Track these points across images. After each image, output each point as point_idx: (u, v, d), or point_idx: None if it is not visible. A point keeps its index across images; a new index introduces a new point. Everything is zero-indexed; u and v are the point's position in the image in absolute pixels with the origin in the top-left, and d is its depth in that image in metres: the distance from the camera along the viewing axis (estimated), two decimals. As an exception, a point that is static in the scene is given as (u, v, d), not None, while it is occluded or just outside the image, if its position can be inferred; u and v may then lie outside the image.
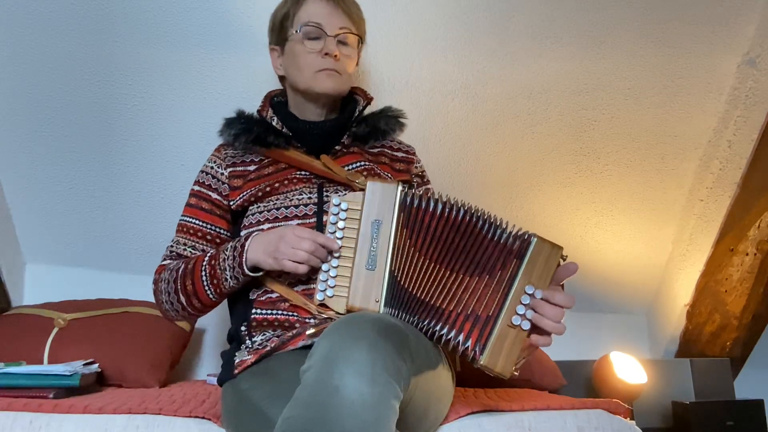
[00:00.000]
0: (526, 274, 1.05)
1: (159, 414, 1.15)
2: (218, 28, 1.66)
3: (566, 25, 1.72)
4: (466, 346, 1.04)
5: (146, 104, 1.75)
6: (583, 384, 1.95)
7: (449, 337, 1.05)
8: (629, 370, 1.88)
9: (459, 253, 1.10)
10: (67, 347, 1.66)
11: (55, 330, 1.70)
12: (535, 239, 1.06)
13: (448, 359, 1.18)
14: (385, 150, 1.36)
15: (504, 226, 1.09)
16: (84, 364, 1.52)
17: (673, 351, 2.23)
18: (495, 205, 2.00)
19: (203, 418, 1.15)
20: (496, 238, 1.09)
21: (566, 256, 1.06)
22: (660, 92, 1.84)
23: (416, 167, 1.39)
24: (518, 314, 1.03)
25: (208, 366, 2.02)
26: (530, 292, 1.04)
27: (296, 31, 1.26)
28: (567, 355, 2.01)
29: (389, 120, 1.35)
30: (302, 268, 1.11)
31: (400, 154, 1.37)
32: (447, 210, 1.12)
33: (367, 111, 1.38)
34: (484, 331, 1.03)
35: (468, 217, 1.11)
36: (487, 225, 1.10)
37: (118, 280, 1.99)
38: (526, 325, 1.03)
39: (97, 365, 1.59)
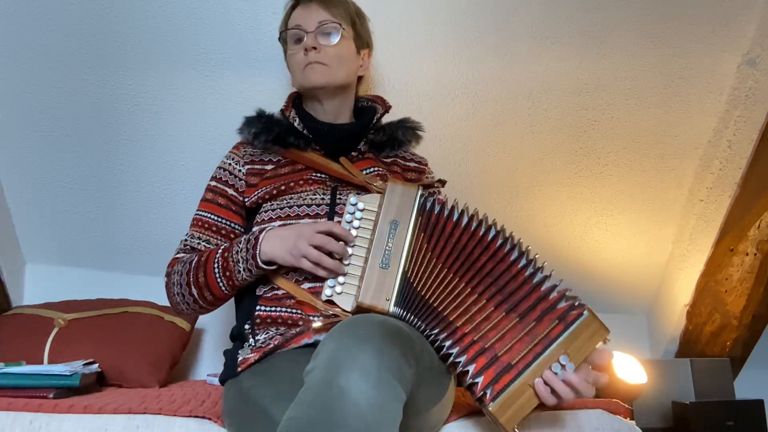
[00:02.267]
0: (565, 342, 1.02)
1: (159, 414, 1.15)
2: (218, 27, 1.66)
3: (566, 25, 1.72)
4: (476, 381, 1.01)
5: (146, 104, 1.75)
6: (583, 384, 1.95)
7: (458, 360, 1.03)
8: (629, 370, 1.88)
9: (485, 275, 1.08)
10: (67, 347, 1.66)
11: (55, 330, 1.70)
12: (587, 313, 1.04)
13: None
14: (398, 160, 1.38)
15: (548, 273, 1.08)
16: (84, 364, 1.52)
17: (673, 351, 2.23)
18: (495, 205, 2.00)
19: (203, 417, 1.15)
20: (536, 281, 1.07)
21: (609, 340, 1.04)
22: (660, 92, 1.84)
23: (427, 177, 1.40)
24: (543, 377, 1.00)
25: (208, 366, 2.01)
26: (564, 363, 1.01)
27: (279, 38, 1.36)
28: (567, 355, 2.00)
29: (407, 131, 1.38)
30: (321, 272, 1.11)
31: (412, 164, 1.40)
32: (474, 225, 1.11)
33: (385, 119, 1.40)
34: (502, 378, 1.01)
35: (501, 242, 1.10)
36: (525, 260, 1.08)
37: (118, 280, 1.99)
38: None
39: (97, 365, 1.59)
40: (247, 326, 1.20)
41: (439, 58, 1.76)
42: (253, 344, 1.17)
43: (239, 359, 1.14)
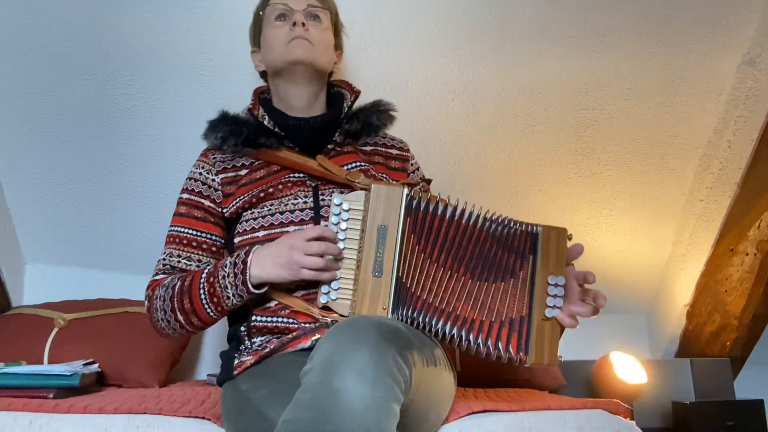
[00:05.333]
0: (543, 266, 1.07)
1: (159, 414, 1.15)
2: (219, 27, 1.66)
3: (566, 24, 1.72)
4: (509, 353, 1.05)
5: (146, 104, 1.75)
6: (583, 384, 1.95)
7: (487, 346, 1.05)
8: (629, 370, 1.88)
9: (477, 260, 1.10)
10: (67, 347, 1.66)
11: (55, 330, 1.70)
12: (541, 228, 1.10)
13: (450, 360, 1.18)
14: (378, 148, 1.33)
15: (508, 223, 1.11)
16: (84, 364, 1.51)
17: (673, 351, 2.23)
18: (495, 205, 1.95)
19: (203, 418, 1.15)
20: (504, 237, 1.10)
21: (571, 236, 1.09)
22: (660, 92, 1.84)
23: (412, 164, 1.37)
24: (549, 306, 1.06)
25: (208, 366, 2.01)
26: (553, 282, 1.06)
27: (260, 13, 1.29)
28: (567, 355, 1.99)
29: (381, 115, 1.33)
30: (325, 276, 1.09)
31: (394, 152, 1.35)
32: (458, 214, 1.11)
33: (356, 105, 1.34)
34: (522, 333, 1.06)
35: (476, 220, 1.11)
36: (494, 225, 1.11)
37: (118, 280, 1.98)
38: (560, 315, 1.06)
39: (97, 365, 1.59)
40: (243, 329, 1.18)
41: (439, 57, 1.76)
42: (249, 347, 1.16)
43: (236, 362, 1.14)
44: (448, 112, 1.84)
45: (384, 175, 1.28)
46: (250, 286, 1.10)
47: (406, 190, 1.12)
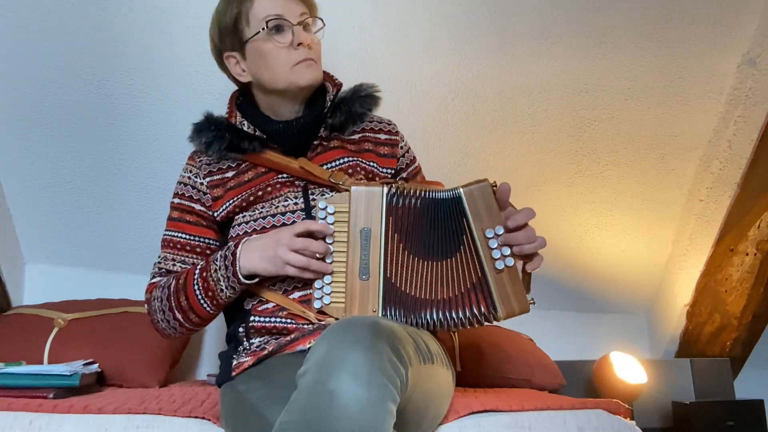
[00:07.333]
0: (477, 223, 1.08)
1: (159, 414, 1.15)
2: (218, 28, 1.66)
3: (566, 24, 1.72)
4: (483, 315, 1.08)
5: (146, 104, 1.75)
6: (583, 384, 1.95)
7: (467, 317, 1.08)
8: (629, 370, 1.88)
9: (436, 240, 1.11)
10: (67, 347, 1.66)
11: (55, 330, 1.70)
12: (461, 190, 1.09)
13: (448, 357, 1.18)
14: (367, 134, 1.30)
15: (436, 196, 1.10)
16: (84, 364, 1.51)
17: (673, 351, 2.23)
18: (495, 205, 2.00)
19: (203, 418, 1.15)
20: (442, 212, 1.10)
21: (495, 183, 1.09)
22: (660, 92, 1.84)
23: (401, 147, 1.33)
24: (496, 259, 1.07)
25: (208, 366, 2.01)
26: (491, 236, 1.07)
27: (262, 29, 1.18)
28: (567, 355, 2.01)
29: (364, 101, 1.29)
30: (308, 274, 1.09)
31: (383, 136, 1.31)
32: (425, 204, 1.12)
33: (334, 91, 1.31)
34: (485, 293, 1.07)
35: (429, 204, 1.11)
36: (432, 203, 1.11)
37: (118, 280, 1.98)
38: (510, 262, 1.07)
39: (97, 365, 1.59)
40: (241, 329, 1.18)
41: (439, 57, 1.76)
42: (248, 348, 1.16)
43: (234, 363, 1.14)
44: (449, 112, 1.84)
45: (374, 164, 1.27)
46: (240, 276, 1.11)
47: (385, 189, 1.11)
